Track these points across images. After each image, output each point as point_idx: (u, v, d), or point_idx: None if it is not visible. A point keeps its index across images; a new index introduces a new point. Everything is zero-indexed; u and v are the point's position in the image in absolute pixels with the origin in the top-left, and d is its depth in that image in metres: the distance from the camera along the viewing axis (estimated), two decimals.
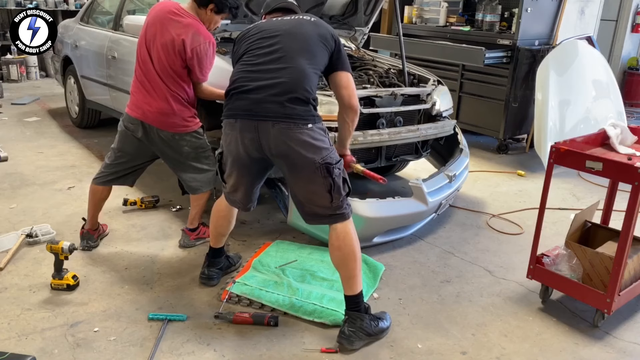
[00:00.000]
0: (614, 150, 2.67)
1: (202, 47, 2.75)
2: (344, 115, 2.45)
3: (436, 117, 3.70)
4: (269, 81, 2.24)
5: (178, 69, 2.78)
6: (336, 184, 2.24)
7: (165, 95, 2.80)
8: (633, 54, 7.83)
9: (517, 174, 4.72)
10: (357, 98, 2.42)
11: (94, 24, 5.04)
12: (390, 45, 6.08)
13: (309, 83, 2.25)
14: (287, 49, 2.29)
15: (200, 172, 3.00)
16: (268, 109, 2.20)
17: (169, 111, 2.82)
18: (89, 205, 3.07)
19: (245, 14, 3.57)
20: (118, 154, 2.98)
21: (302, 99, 2.22)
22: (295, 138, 2.19)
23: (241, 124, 2.28)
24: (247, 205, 2.57)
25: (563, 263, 2.64)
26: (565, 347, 2.40)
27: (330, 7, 3.98)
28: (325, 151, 2.23)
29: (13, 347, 2.21)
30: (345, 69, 2.40)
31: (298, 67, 2.25)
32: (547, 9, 5.10)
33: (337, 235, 2.28)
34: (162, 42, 2.76)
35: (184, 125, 2.88)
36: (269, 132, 2.21)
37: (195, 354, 2.24)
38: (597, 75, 5.02)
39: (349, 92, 2.39)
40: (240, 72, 2.36)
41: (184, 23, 2.75)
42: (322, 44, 2.33)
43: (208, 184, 3.04)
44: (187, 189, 3.10)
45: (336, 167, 2.25)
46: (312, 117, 2.23)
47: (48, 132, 5.40)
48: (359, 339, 2.28)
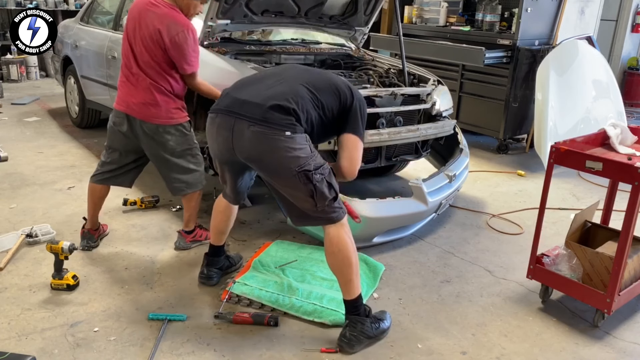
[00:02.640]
0: (614, 150, 2.67)
1: (180, 35, 2.68)
2: (336, 172, 2.33)
3: (436, 117, 3.70)
4: (259, 89, 2.26)
5: (160, 61, 2.74)
6: (318, 190, 2.16)
7: (149, 87, 2.77)
8: (633, 54, 7.83)
9: (517, 174, 4.72)
10: (357, 170, 2.33)
11: (94, 24, 5.04)
12: (390, 45, 6.08)
13: (298, 101, 2.19)
14: (294, 75, 2.33)
15: (184, 173, 2.93)
16: (247, 109, 2.19)
17: (152, 102, 2.78)
18: (89, 204, 3.07)
19: (245, 14, 3.57)
20: (109, 150, 2.99)
21: (284, 107, 2.16)
22: (269, 144, 2.14)
23: (220, 120, 2.27)
24: (237, 199, 2.58)
25: (563, 263, 2.64)
26: (565, 347, 2.40)
27: (330, 7, 3.98)
28: (303, 160, 2.14)
29: (13, 347, 2.21)
30: (355, 132, 2.29)
31: (294, 87, 2.24)
32: (547, 9, 5.10)
33: (331, 240, 2.25)
34: (142, 36, 2.73)
35: (168, 117, 2.83)
36: (244, 133, 2.18)
37: (195, 354, 2.24)
38: (597, 75, 5.02)
39: (351, 167, 2.30)
40: (242, 79, 2.40)
41: (159, 13, 2.71)
42: (334, 90, 2.30)
43: (193, 185, 2.96)
44: (170, 190, 3.02)
45: (317, 173, 2.15)
46: (292, 126, 2.15)
47: (48, 132, 5.41)
48: (360, 342, 2.28)
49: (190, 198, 3.01)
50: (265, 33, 4.14)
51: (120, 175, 3.04)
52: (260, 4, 3.58)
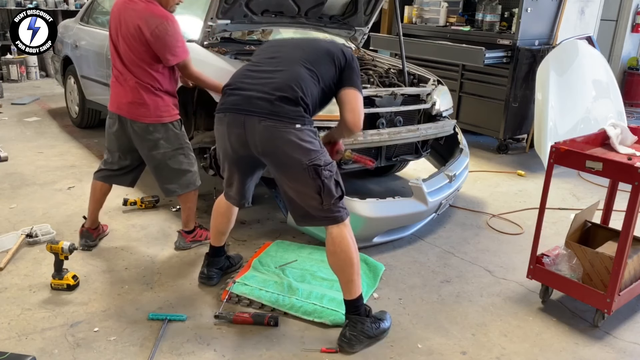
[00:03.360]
0: (614, 150, 2.67)
1: (160, 28, 2.65)
2: (342, 129, 2.39)
3: (436, 117, 3.70)
4: (262, 80, 2.26)
5: (145, 57, 2.72)
6: (326, 186, 2.19)
7: (135, 86, 2.76)
8: (633, 54, 7.83)
9: (517, 174, 4.72)
10: (362, 123, 2.33)
11: (94, 24, 5.04)
12: (390, 45, 6.08)
13: (301, 85, 2.22)
14: (289, 55, 2.33)
15: (177, 174, 2.91)
16: (256, 105, 2.20)
17: (140, 101, 2.78)
18: (90, 201, 3.07)
19: (245, 14, 3.57)
20: (108, 152, 3.02)
21: (292, 98, 2.19)
22: (281, 137, 2.17)
23: (229, 118, 2.28)
24: (241, 201, 2.58)
25: (563, 263, 2.64)
26: (565, 347, 2.40)
27: (330, 7, 3.98)
28: (313, 153, 2.18)
29: (13, 347, 2.21)
30: (352, 86, 2.32)
31: (294, 70, 2.26)
32: (547, 9, 5.10)
33: (333, 240, 2.25)
34: (123, 35, 2.72)
35: (157, 116, 2.81)
36: (255, 128, 2.20)
37: (195, 354, 2.24)
38: (597, 75, 5.02)
39: (355, 118, 2.29)
40: (239, 70, 2.40)
41: (137, 9, 2.69)
42: (329, 58, 2.32)
43: (186, 186, 2.94)
44: (162, 191, 3.01)
45: (326, 169, 2.19)
46: (301, 118, 2.19)
47: (48, 132, 5.41)
48: (360, 342, 2.28)
49: (185, 199, 3.00)
50: (265, 33, 4.14)
51: (122, 175, 3.05)
52: (260, 4, 3.58)
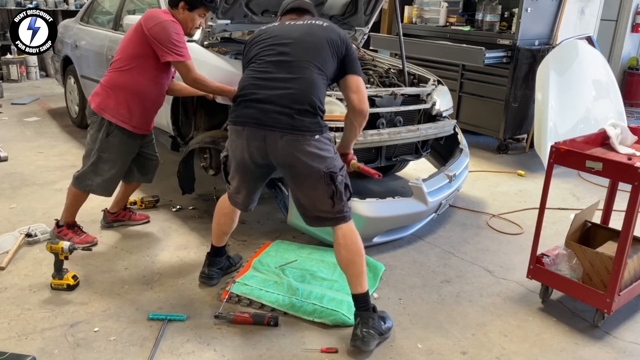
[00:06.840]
0: (614, 150, 2.67)
1: (157, 26, 2.71)
2: (352, 118, 2.43)
3: (436, 117, 3.70)
4: (278, 91, 2.24)
5: (121, 54, 2.87)
6: (338, 191, 2.26)
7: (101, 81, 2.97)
8: (633, 54, 7.83)
9: (517, 174, 4.72)
10: (367, 102, 2.39)
11: (94, 24, 5.04)
12: (390, 45, 6.08)
13: (317, 94, 2.25)
14: (298, 58, 2.29)
15: (83, 164, 3.03)
16: (277, 120, 2.21)
17: (96, 90, 2.95)
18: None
19: (245, 14, 3.57)
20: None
21: (311, 110, 2.22)
22: (303, 149, 2.21)
23: (248, 132, 2.28)
24: (248, 206, 2.59)
25: (563, 263, 2.64)
26: (565, 347, 2.40)
27: (330, 7, 3.98)
28: (330, 160, 2.25)
29: (13, 347, 2.21)
30: (355, 72, 2.37)
31: (308, 78, 2.25)
32: (547, 9, 5.10)
33: (344, 233, 2.30)
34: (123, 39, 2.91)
35: (98, 107, 2.90)
36: (277, 143, 2.22)
37: (195, 354, 2.24)
38: (597, 75, 5.02)
39: (359, 96, 2.35)
40: (250, 78, 2.34)
41: (146, 15, 2.80)
42: (331, 51, 2.32)
43: (78, 183, 3.01)
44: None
45: (339, 175, 2.26)
46: (319, 128, 2.25)
47: (48, 132, 5.41)
48: (374, 338, 2.27)
49: (68, 191, 3.06)
50: None
51: (125, 173, 3.16)
52: (260, 4, 3.58)
